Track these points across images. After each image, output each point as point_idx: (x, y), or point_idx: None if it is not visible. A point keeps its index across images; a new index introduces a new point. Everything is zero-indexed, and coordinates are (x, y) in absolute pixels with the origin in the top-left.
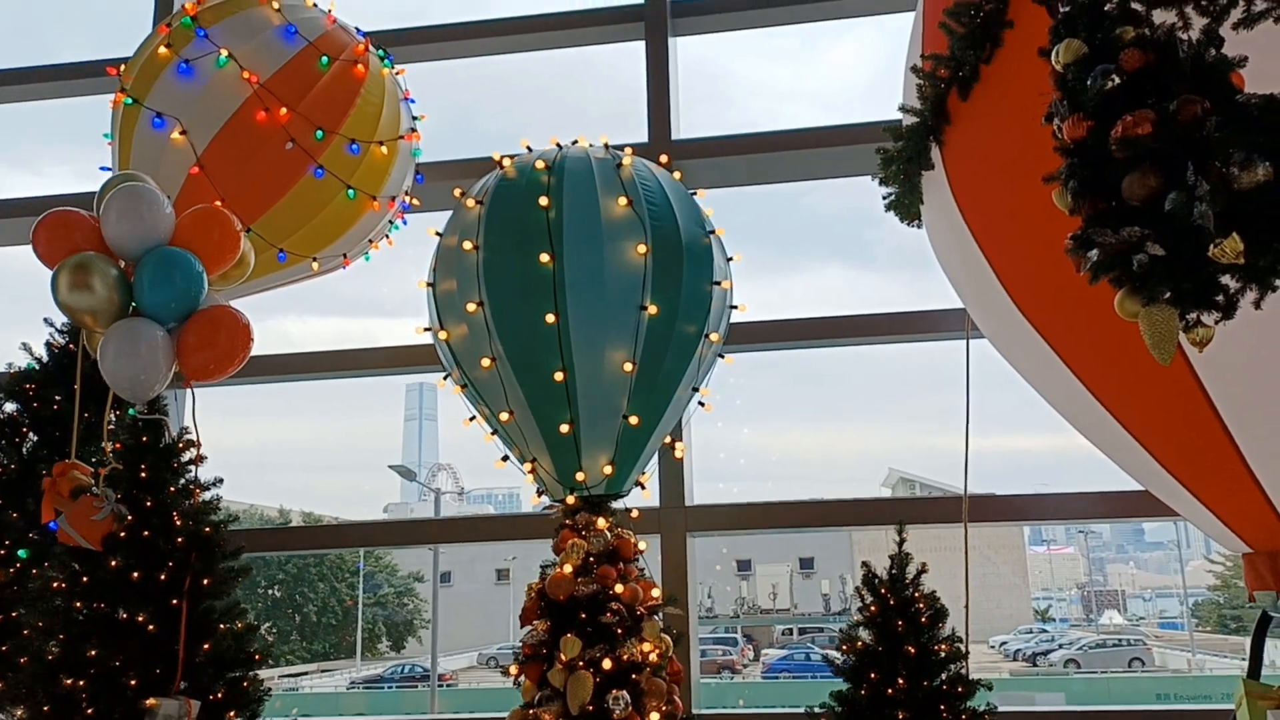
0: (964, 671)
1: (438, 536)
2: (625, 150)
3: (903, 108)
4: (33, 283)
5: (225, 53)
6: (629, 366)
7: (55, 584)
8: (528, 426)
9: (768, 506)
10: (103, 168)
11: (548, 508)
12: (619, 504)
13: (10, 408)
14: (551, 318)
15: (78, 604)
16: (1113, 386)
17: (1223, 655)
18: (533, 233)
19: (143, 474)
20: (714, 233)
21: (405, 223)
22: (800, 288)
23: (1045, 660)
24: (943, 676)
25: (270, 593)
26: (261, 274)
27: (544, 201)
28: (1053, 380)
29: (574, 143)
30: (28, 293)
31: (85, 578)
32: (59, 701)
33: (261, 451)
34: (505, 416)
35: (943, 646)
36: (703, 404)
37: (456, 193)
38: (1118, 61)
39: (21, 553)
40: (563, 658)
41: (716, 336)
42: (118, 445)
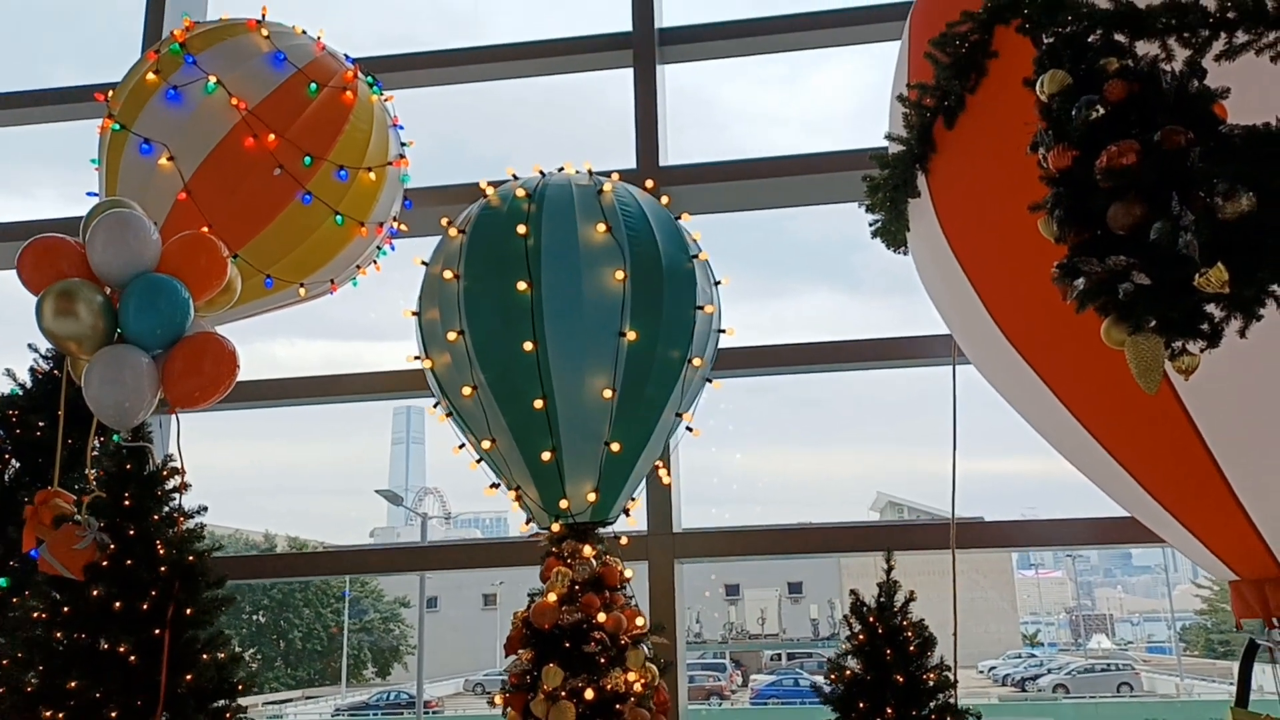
0: (953, 700)
1: (424, 564)
2: (612, 176)
3: (889, 136)
4: (17, 308)
5: (214, 79)
6: (609, 393)
7: (35, 614)
8: (511, 455)
9: (756, 533)
10: (89, 193)
11: (533, 535)
12: (608, 530)
13: None
14: (530, 345)
15: (58, 634)
16: (1099, 414)
17: (1211, 680)
18: (511, 261)
19: (126, 502)
20: (697, 257)
21: (393, 248)
22: (791, 312)
23: (1034, 685)
24: (931, 706)
25: (255, 618)
26: (248, 300)
27: (522, 229)
28: (1039, 407)
29: (560, 169)
30: (12, 317)
31: (66, 608)
32: None
33: (247, 475)
34: (488, 445)
35: (931, 675)
36: (690, 429)
37: (443, 221)
38: (1102, 92)
39: (1, 581)
40: (545, 688)
41: (700, 361)
42: (101, 472)
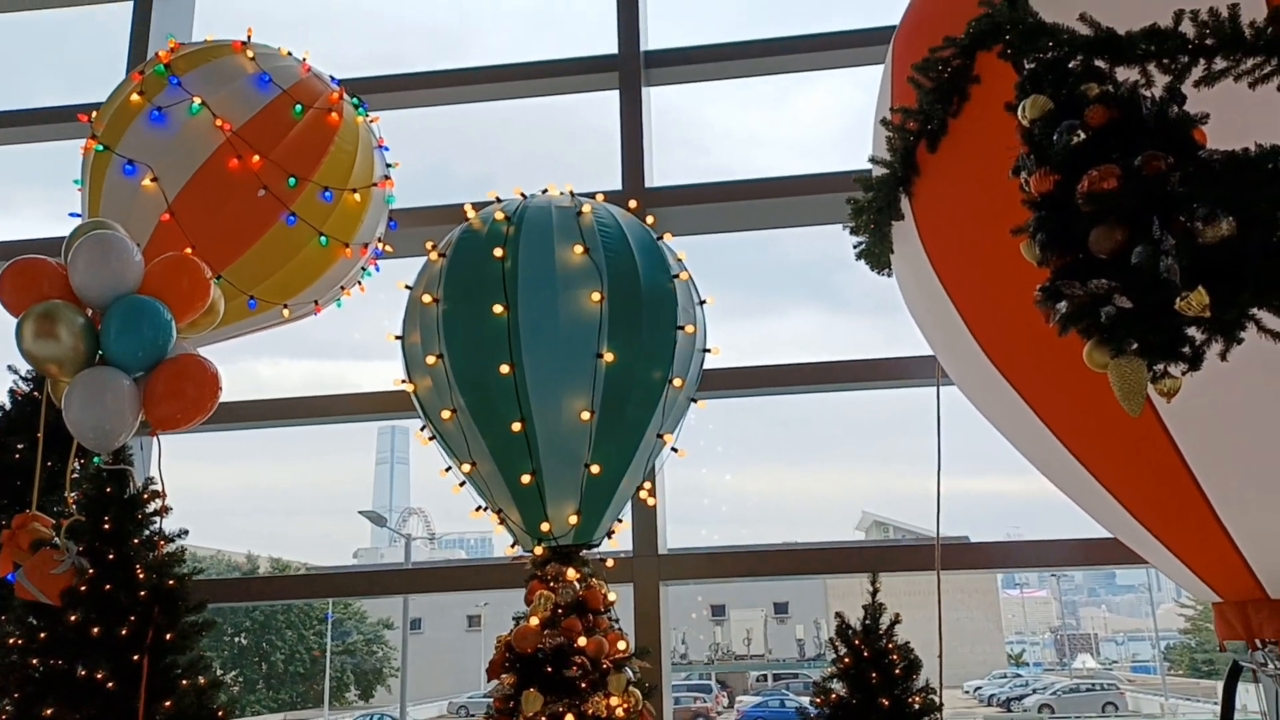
0: None
1: (409, 586)
2: (596, 197)
3: (872, 159)
4: None
5: (198, 100)
6: (587, 415)
7: (11, 640)
8: (492, 478)
9: (741, 554)
10: (72, 214)
11: (516, 559)
12: (594, 553)
13: None
14: (506, 368)
15: (34, 660)
16: (1082, 436)
17: (1195, 700)
18: (488, 284)
19: (105, 526)
20: (679, 277)
21: (378, 269)
22: (781, 331)
23: (1019, 705)
24: None
25: (237, 640)
26: (231, 321)
27: (499, 253)
28: (1022, 428)
29: (544, 191)
30: None
31: (43, 633)
32: None
33: (229, 496)
34: (470, 468)
35: (916, 699)
36: (675, 450)
37: (427, 245)
38: (1083, 117)
39: None
40: (525, 713)
41: (680, 382)
42: (80, 495)
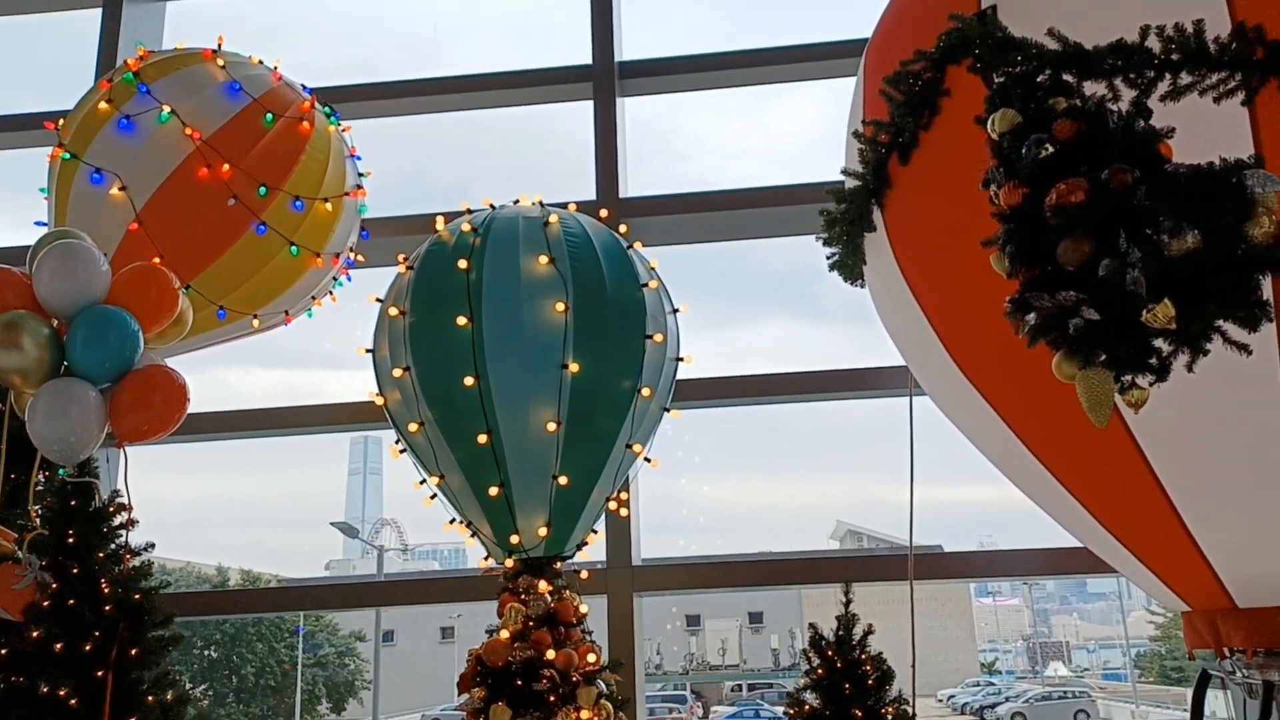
0: None
1: (382, 599)
2: (569, 207)
3: (845, 171)
4: None
5: (168, 109)
6: (553, 426)
7: None
8: (462, 490)
9: (715, 565)
10: (38, 223)
11: (488, 571)
12: (569, 564)
13: None
14: (470, 380)
15: None
16: (1051, 445)
17: (1166, 707)
18: (452, 296)
19: (70, 539)
20: (648, 285)
21: (349, 279)
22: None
23: (992, 713)
24: None
25: (206, 653)
26: (200, 331)
27: (463, 264)
28: (993, 438)
29: (515, 202)
30: None
31: (4, 649)
32: None
33: (200, 507)
34: (439, 480)
35: (889, 709)
36: (648, 460)
37: (399, 258)
38: (1051, 131)
39: None
40: None
41: (650, 391)
42: (45, 507)
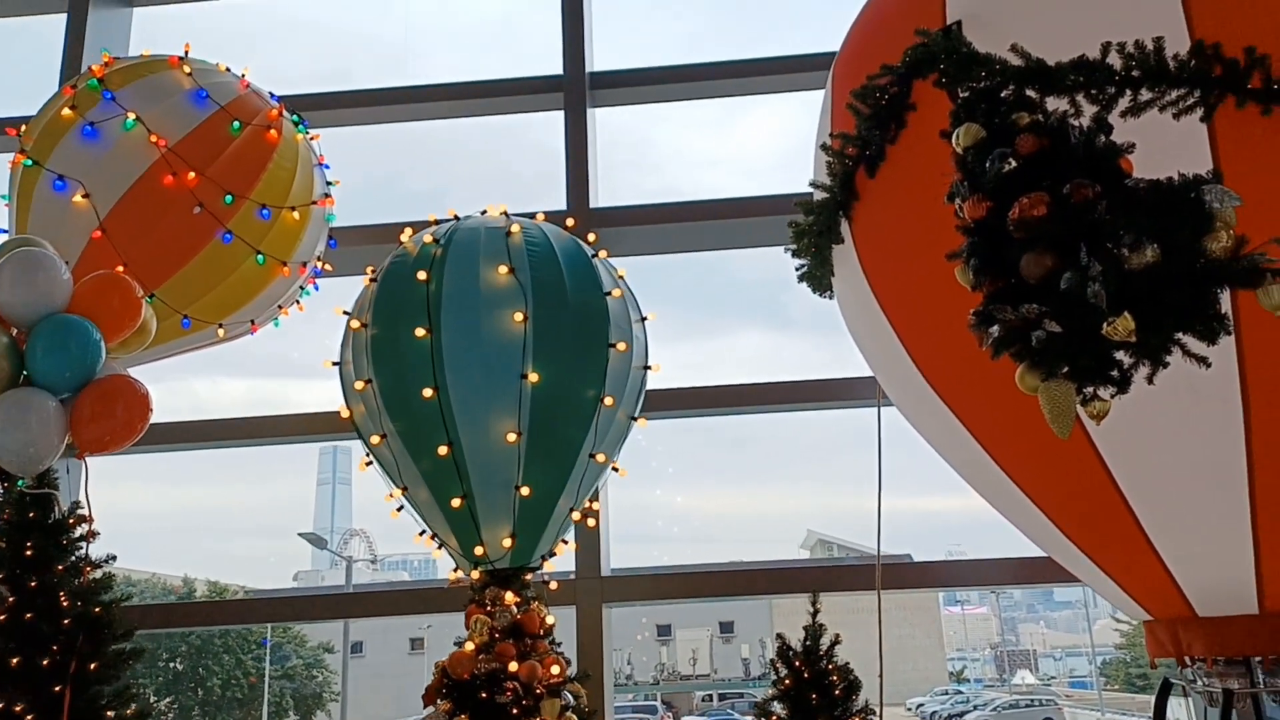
0: None
1: (351, 611)
2: (538, 217)
3: (813, 183)
4: None
5: (133, 116)
6: (514, 437)
7: None
8: (426, 503)
9: (684, 575)
10: None
11: (455, 583)
12: (538, 575)
13: None
14: (429, 392)
15: None
16: (1015, 456)
17: (1130, 714)
18: (412, 307)
19: (28, 552)
20: (611, 294)
21: (317, 288)
22: (730, 351)
23: None
24: None
25: (172, 666)
26: (165, 340)
27: (423, 275)
28: (958, 448)
29: (483, 212)
30: None
31: None
32: None
33: (166, 517)
34: (399, 492)
35: (856, 718)
36: (616, 469)
37: (367, 270)
38: (1014, 145)
39: None
40: None
41: (612, 400)
42: (2, 520)
